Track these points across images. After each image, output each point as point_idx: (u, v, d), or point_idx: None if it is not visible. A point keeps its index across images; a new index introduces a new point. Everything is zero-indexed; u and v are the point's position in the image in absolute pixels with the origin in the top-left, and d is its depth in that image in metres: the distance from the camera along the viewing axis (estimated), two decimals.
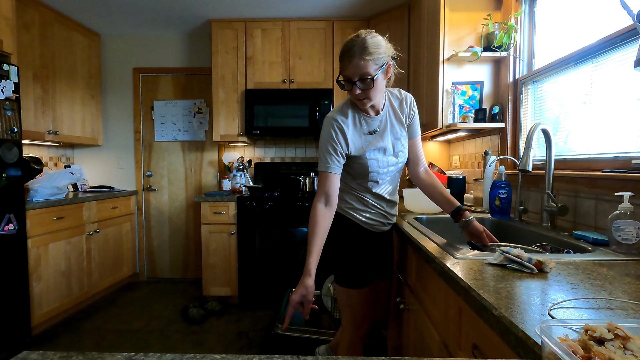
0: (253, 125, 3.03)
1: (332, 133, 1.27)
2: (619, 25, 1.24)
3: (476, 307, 0.70)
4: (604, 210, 1.23)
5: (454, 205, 1.34)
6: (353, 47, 1.15)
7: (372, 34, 1.19)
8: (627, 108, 1.23)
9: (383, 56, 1.17)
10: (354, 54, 1.14)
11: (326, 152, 1.28)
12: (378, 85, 1.19)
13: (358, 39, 1.15)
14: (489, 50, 2.01)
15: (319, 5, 2.88)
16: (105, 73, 3.55)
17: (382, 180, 1.37)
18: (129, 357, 0.48)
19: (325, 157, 1.28)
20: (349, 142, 1.28)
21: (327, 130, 1.28)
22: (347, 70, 1.17)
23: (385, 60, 1.18)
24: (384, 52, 1.17)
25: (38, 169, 2.61)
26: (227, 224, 2.87)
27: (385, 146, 1.33)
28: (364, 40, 1.14)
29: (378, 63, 1.16)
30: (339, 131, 1.27)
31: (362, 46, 1.14)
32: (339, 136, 1.27)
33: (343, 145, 1.28)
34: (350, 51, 1.15)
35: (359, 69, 1.15)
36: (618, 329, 0.42)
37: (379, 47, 1.16)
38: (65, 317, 2.71)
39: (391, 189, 1.42)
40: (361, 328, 1.46)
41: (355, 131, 1.30)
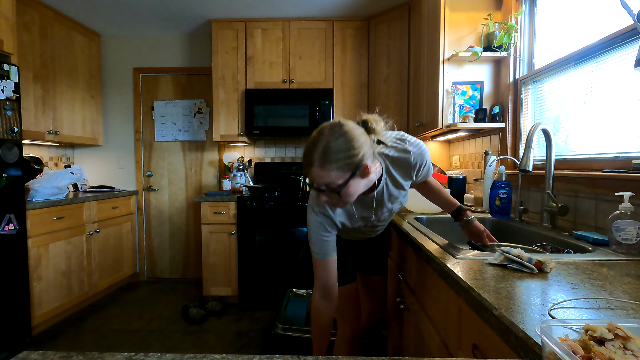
0: (253, 125, 3.03)
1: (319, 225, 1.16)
2: (619, 25, 1.24)
3: (476, 307, 0.69)
4: (604, 210, 1.23)
5: (454, 206, 1.34)
6: (312, 152, 0.94)
7: (340, 131, 0.93)
8: (627, 108, 1.23)
9: (354, 159, 0.93)
10: (313, 162, 0.93)
11: (317, 240, 1.17)
12: (350, 191, 0.97)
13: (319, 144, 0.93)
14: (489, 50, 2.01)
15: (319, 5, 2.88)
16: (106, 73, 3.55)
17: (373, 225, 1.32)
18: (129, 357, 0.48)
19: (317, 243, 1.17)
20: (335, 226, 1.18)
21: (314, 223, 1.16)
22: (308, 177, 0.98)
23: (359, 161, 0.94)
24: (356, 153, 0.93)
25: (38, 169, 2.61)
26: (227, 224, 2.87)
27: (379, 212, 1.24)
28: (325, 145, 0.92)
29: (347, 169, 0.93)
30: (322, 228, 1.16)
31: (323, 152, 0.92)
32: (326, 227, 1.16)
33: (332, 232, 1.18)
34: (308, 158, 0.95)
35: (320, 178, 0.95)
36: (618, 329, 0.42)
37: (345, 150, 0.92)
38: (66, 317, 2.71)
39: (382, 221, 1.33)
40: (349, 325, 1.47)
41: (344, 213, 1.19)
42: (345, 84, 3.08)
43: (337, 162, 0.92)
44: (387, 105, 2.93)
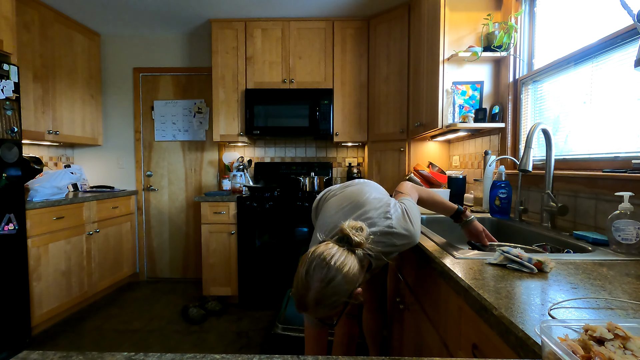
0: (253, 125, 3.03)
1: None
2: (619, 25, 1.24)
3: (476, 307, 0.70)
4: (604, 210, 1.23)
5: (452, 210, 1.34)
6: (304, 299, 0.92)
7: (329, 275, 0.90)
8: (627, 108, 1.23)
9: (347, 295, 0.93)
10: (307, 307, 0.93)
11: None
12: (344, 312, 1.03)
13: (310, 290, 0.91)
14: (489, 50, 2.01)
15: (319, 5, 2.88)
16: (105, 73, 3.55)
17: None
18: (129, 357, 0.48)
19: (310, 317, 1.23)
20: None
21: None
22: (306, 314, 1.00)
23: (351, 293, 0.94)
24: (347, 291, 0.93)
25: (38, 168, 2.61)
26: (227, 223, 2.87)
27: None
28: (318, 294, 0.90)
29: (340, 304, 0.94)
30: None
31: (317, 301, 0.91)
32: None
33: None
34: (301, 302, 0.93)
35: (317, 316, 1.01)
36: (618, 328, 0.42)
37: (338, 294, 0.91)
38: (65, 317, 2.71)
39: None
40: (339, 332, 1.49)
41: None
42: (345, 84, 3.08)
43: (330, 306, 0.92)
44: (387, 105, 2.93)
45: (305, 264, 0.94)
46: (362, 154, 3.48)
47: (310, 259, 0.93)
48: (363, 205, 1.16)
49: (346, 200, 1.23)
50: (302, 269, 0.94)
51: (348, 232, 0.98)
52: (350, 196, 1.23)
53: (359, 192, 1.23)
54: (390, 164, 2.94)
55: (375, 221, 1.10)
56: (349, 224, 1.00)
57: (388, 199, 1.21)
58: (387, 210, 1.12)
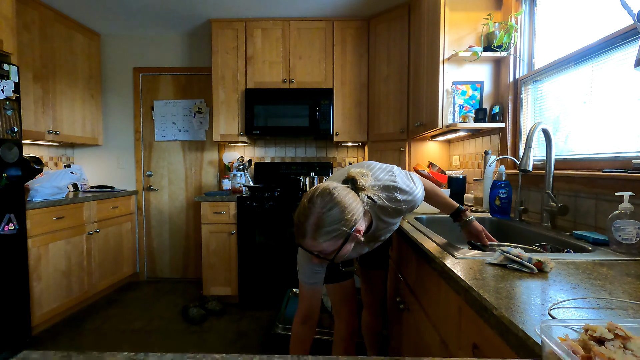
0: (253, 125, 3.03)
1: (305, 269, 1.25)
2: (619, 25, 1.24)
3: (476, 307, 0.70)
4: (604, 210, 1.23)
5: (452, 208, 1.34)
6: (304, 224, 0.95)
7: (331, 200, 0.94)
8: (627, 108, 1.23)
9: (347, 228, 0.95)
10: (305, 234, 0.95)
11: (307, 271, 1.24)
12: (342, 254, 1.00)
13: (311, 215, 0.94)
14: (489, 50, 2.01)
15: (319, 5, 2.88)
16: (105, 73, 3.55)
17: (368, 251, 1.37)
18: (129, 357, 0.48)
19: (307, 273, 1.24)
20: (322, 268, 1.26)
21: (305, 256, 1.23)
22: (303, 245, 0.99)
23: (351, 228, 0.96)
24: (347, 222, 0.95)
25: (38, 168, 2.61)
26: (227, 223, 2.87)
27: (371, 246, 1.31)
28: (318, 218, 0.93)
29: (339, 238, 0.96)
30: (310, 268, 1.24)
31: (315, 225, 0.93)
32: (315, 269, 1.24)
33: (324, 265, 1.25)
34: (301, 229, 0.96)
35: (313, 248, 0.97)
36: (618, 328, 0.42)
37: (337, 221, 0.94)
38: (66, 316, 2.71)
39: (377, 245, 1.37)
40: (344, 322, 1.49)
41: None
42: (345, 84, 3.08)
43: (330, 234, 0.94)
44: (387, 105, 2.93)
45: (309, 194, 0.98)
46: (362, 154, 3.48)
47: (314, 189, 0.99)
48: (368, 167, 1.23)
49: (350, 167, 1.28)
50: (305, 198, 0.98)
51: (354, 175, 1.04)
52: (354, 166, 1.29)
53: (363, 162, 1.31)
54: (390, 164, 2.94)
55: (379, 176, 1.17)
56: (356, 170, 1.07)
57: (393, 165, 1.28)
58: (391, 170, 1.21)
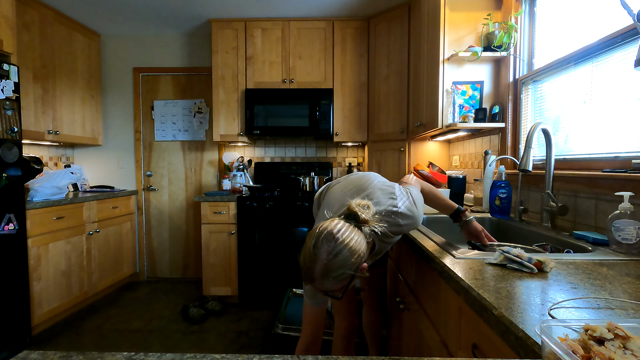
0: (253, 125, 3.03)
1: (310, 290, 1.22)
2: (619, 25, 1.24)
3: (476, 307, 0.70)
4: (604, 210, 1.23)
5: (452, 209, 1.34)
6: (311, 271, 0.93)
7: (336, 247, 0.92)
8: (627, 108, 1.23)
9: (353, 269, 0.94)
10: (313, 279, 0.94)
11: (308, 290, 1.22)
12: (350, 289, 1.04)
13: (317, 262, 0.92)
14: (489, 50, 2.01)
15: (319, 5, 2.88)
16: (105, 73, 3.55)
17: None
18: (129, 357, 0.48)
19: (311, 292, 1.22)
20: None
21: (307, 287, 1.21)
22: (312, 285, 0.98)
23: (357, 268, 0.95)
24: (354, 265, 0.94)
25: (38, 168, 2.61)
26: (227, 223, 2.87)
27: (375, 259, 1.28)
28: (325, 266, 0.91)
29: (346, 279, 0.95)
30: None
31: (323, 272, 0.92)
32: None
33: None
34: (308, 274, 0.95)
35: (322, 289, 0.97)
36: (618, 328, 0.42)
37: (345, 266, 0.92)
38: (66, 316, 2.71)
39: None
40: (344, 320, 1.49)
41: None
42: (345, 84, 3.08)
43: (337, 278, 0.93)
44: (387, 105, 2.93)
45: (313, 238, 0.95)
46: (362, 153, 3.48)
47: (319, 233, 0.95)
48: (368, 188, 1.19)
49: (351, 184, 1.26)
50: (310, 242, 0.95)
51: (355, 209, 1.00)
52: (354, 181, 1.27)
53: (363, 177, 1.27)
54: (390, 164, 2.94)
55: (380, 201, 1.13)
56: (356, 202, 1.03)
57: (392, 183, 1.24)
58: (392, 192, 1.16)
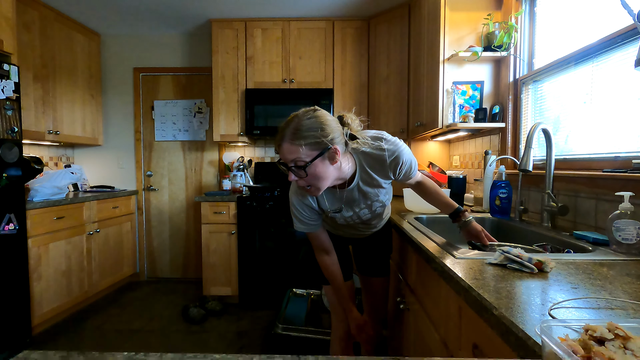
0: (253, 125, 3.03)
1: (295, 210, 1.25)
2: (619, 25, 1.24)
3: (476, 307, 0.70)
4: (604, 210, 1.23)
5: (452, 208, 1.33)
6: (285, 129, 1.02)
7: (313, 113, 1.03)
8: (628, 108, 1.23)
9: (323, 140, 0.99)
10: (284, 136, 1.01)
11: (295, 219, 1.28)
12: (318, 172, 1.03)
13: (292, 121, 1.02)
14: (490, 50, 2.01)
15: (319, 5, 2.88)
16: (106, 73, 3.55)
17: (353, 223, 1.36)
18: (129, 357, 0.48)
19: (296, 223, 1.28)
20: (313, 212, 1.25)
21: (292, 206, 1.25)
22: (280, 153, 1.05)
23: (328, 141, 1.00)
24: (325, 134, 1.00)
25: (38, 168, 2.61)
26: (228, 223, 2.87)
27: (355, 209, 1.28)
28: (297, 123, 1.01)
29: (315, 148, 1.00)
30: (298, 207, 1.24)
31: (295, 129, 1.00)
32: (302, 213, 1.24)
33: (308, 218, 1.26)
34: (281, 133, 1.03)
35: (289, 154, 1.01)
36: (618, 328, 0.42)
37: (315, 129, 0.99)
38: (66, 316, 2.71)
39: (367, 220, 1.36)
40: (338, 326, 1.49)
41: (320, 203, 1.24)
42: (345, 84, 3.08)
43: (307, 139, 0.99)
44: (387, 105, 2.93)
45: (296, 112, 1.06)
46: None
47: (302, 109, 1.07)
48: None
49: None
50: (292, 114, 1.06)
51: (342, 114, 1.11)
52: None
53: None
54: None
55: (368, 133, 1.19)
56: (345, 112, 1.13)
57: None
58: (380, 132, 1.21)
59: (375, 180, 1.20)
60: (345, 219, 1.30)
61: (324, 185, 1.08)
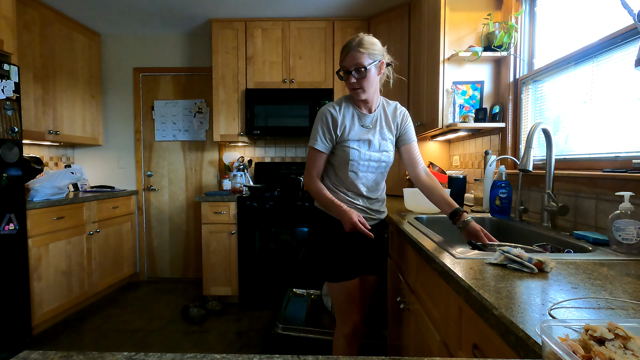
0: (253, 125, 3.03)
1: (324, 118, 1.41)
2: (619, 24, 1.24)
3: (476, 307, 0.70)
4: (604, 210, 1.23)
5: (452, 207, 1.34)
6: (352, 42, 1.34)
7: (371, 35, 1.39)
8: (628, 108, 1.23)
9: (377, 53, 1.35)
10: (352, 47, 1.34)
11: (318, 132, 1.42)
12: (371, 77, 1.35)
13: (357, 37, 1.35)
14: (490, 49, 2.01)
15: (319, 5, 2.88)
16: (106, 73, 3.55)
17: (362, 172, 1.44)
18: (129, 357, 0.48)
19: (316, 136, 1.43)
20: (337, 128, 1.41)
21: (321, 116, 1.43)
22: (345, 61, 1.36)
23: (379, 57, 1.36)
24: (378, 50, 1.36)
25: (38, 168, 2.61)
26: (228, 223, 2.87)
27: (371, 140, 1.43)
28: (361, 37, 1.34)
29: (372, 58, 1.34)
30: (331, 118, 1.40)
31: (359, 42, 1.33)
32: (330, 122, 1.41)
33: (332, 130, 1.41)
34: (349, 45, 1.35)
35: (354, 59, 1.33)
36: (618, 328, 0.42)
37: (374, 44, 1.35)
38: (66, 316, 2.71)
39: (371, 185, 1.47)
40: (345, 324, 1.49)
41: (346, 120, 1.42)
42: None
43: (368, 49, 1.33)
44: None
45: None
46: None
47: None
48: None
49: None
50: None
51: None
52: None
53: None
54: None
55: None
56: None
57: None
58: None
59: (388, 123, 1.46)
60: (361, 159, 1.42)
61: (368, 89, 1.36)
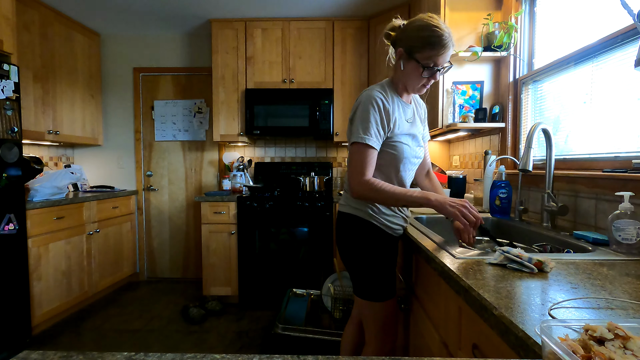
0: (253, 125, 3.03)
1: (377, 105, 1.18)
2: (619, 24, 1.24)
3: (476, 307, 0.70)
4: (604, 210, 1.23)
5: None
6: (448, 37, 1.17)
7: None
8: (628, 108, 1.23)
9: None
10: (451, 43, 1.18)
11: (370, 123, 1.17)
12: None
13: (447, 29, 1.17)
14: (489, 50, 2.01)
15: (319, 5, 2.88)
16: (105, 73, 3.55)
17: (409, 172, 1.33)
18: (129, 357, 0.48)
19: (369, 128, 1.17)
20: (390, 119, 1.21)
21: (371, 101, 1.19)
22: (442, 58, 1.18)
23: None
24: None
25: (38, 168, 2.61)
26: (227, 223, 2.87)
27: (416, 134, 1.31)
28: (450, 31, 1.19)
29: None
30: (383, 106, 1.19)
31: (452, 37, 1.19)
32: (382, 111, 1.19)
33: (385, 121, 1.20)
34: (447, 40, 1.17)
35: (448, 56, 1.20)
36: (618, 328, 0.42)
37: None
38: (66, 316, 2.71)
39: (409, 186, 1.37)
40: (385, 344, 1.36)
41: (395, 111, 1.24)
42: (345, 84, 3.08)
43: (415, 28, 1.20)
44: None
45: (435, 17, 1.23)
46: None
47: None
48: None
49: None
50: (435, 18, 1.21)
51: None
52: None
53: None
54: None
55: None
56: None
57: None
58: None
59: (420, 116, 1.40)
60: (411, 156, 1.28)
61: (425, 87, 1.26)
